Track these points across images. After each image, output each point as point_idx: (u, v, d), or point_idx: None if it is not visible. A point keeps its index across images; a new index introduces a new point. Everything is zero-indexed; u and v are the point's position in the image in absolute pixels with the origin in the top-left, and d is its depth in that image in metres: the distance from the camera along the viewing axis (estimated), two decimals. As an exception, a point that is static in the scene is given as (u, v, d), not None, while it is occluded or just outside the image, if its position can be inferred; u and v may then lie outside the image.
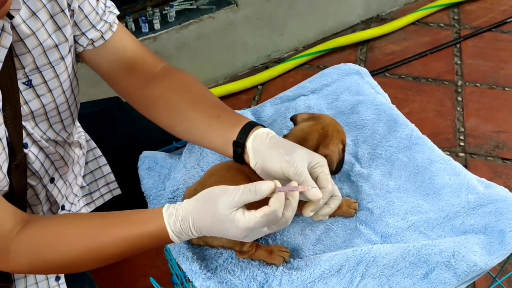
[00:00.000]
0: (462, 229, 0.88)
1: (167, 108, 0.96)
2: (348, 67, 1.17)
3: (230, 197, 0.75)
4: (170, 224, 0.78)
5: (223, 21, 1.95)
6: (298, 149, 0.83)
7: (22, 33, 0.83)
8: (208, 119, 0.92)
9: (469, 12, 2.36)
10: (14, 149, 0.86)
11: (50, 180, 0.98)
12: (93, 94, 1.74)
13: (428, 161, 0.97)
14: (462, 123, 1.92)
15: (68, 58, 0.91)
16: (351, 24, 2.33)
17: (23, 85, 0.86)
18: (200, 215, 0.77)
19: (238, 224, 0.75)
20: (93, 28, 0.95)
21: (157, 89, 0.97)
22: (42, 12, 0.84)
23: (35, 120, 0.90)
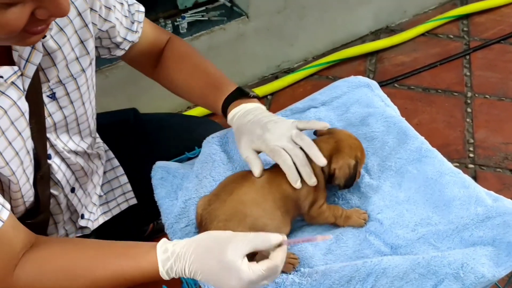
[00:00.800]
0: (470, 241, 0.89)
1: (171, 86, 1.10)
2: (358, 80, 1.18)
3: (240, 244, 0.74)
4: (163, 261, 0.78)
5: (234, 32, 1.97)
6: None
7: (49, 48, 0.85)
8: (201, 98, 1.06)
9: (478, 24, 2.37)
10: (39, 161, 0.88)
11: (71, 189, 1.00)
12: (105, 104, 1.76)
13: (438, 173, 0.98)
14: (471, 135, 1.92)
15: (89, 71, 0.94)
16: (361, 35, 2.34)
17: (48, 98, 0.88)
18: (202, 259, 0.75)
19: (242, 275, 0.74)
20: (130, 31, 1.02)
21: (161, 69, 1.09)
22: (69, 27, 0.87)
23: (56, 132, 0.93)
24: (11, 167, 0.81)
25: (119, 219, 1.15)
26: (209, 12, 1.96)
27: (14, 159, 0.82)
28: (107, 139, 1.13)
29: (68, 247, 0.84)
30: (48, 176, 0.92)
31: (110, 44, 1.01)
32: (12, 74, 0.78)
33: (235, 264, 0.73)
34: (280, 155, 0.90)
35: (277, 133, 0.91)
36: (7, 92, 0.79)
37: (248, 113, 0.96)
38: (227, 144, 1.07)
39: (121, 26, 1.00)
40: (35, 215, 0.92)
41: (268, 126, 0.93)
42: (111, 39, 1.00)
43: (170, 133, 1.17)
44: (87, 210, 1.07)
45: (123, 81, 1.81)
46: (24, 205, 0.89)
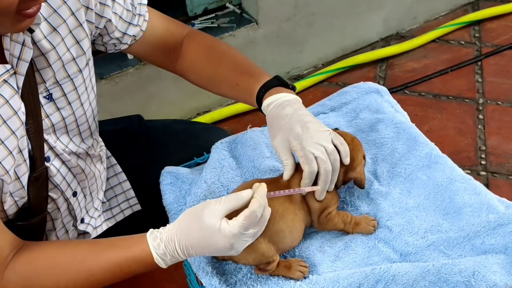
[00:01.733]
0: (482, 249, 0.88)
1: (196, 77, 1.06)
2: (368, 86, 1.17)
3: (214, 206, 0.77)
4: (154, 247, 0.80)
5: (243, 39, 1.98)
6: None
7: (43, 48, 0.85)
8: (230, 87, 1.01)
9: (490, 30, 2.36)
10: (35, 162, 0.88)
11: (72, 194, 1.00)
12: (115, 110, 1.78)
13: (448, 180, 0.97)
14: (483, 142, 1.90)
15: (86, 71, 0.94)
16: (371, 41, 2.34)
17: (44, 99, 0.88)
18: (186, 233, 0.79)
19: (224, 233, 0.77)
20: (131, 25, 1.00)
21: (184, 61, 1.06)
22: (62, 27, 0.87)
23: (56, 134, 0.92)
24: (4, 166, 0.81)
25: (124, 226, 1.15)
26: (218, 19, 1.97)
27: (7, 158, 0.81)
28: (111, 146, 1.13)
29: (59, 245, 0.85)
30: (44, 179, 0.92)
31: (112, 40, 1.00)
32: (4, 72, 0.79)
33: (215, 226, 0.77)
34: (309, 165, 0.87)
35: (316, 138, 0.88)
36: (0, 91, 0.79)
37: (286, 104, 0.92)
38: (236, 149, 1.07)
39: (120, 20, 0.98)
40: (28, 217, 0.91)
41: (308, 126, 0.90)
42: (109, 35, 0.98)
43: (175, 140, 1.17)
44: (88, 214, 1.07)
45: (132, 88, 1.82)
46: (16, 206, 0.88)
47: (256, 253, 0.86)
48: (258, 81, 0.96)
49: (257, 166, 1.03)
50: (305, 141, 0.88)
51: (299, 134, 0.89)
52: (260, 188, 0.80)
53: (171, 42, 1.06)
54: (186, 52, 1.05)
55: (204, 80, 1.06)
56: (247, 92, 0.98)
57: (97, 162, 1.06)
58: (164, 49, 1.07)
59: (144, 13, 1.02)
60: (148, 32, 1.03)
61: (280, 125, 0.91)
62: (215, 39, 1.08)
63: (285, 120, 0.91)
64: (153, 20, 1.04)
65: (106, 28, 0.97)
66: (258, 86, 0.95)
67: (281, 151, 0.91)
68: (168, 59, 1.08)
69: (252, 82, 0.97)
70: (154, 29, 1.04)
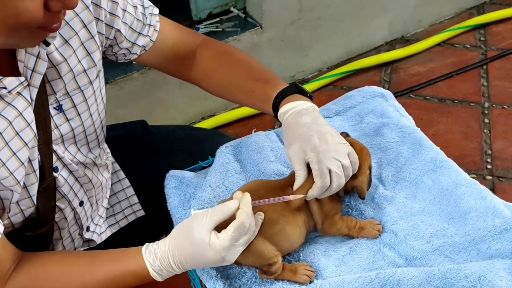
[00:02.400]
0: (488, 254, 0.87)
1: (210, 85, 1.06)
2: (373, 90, 1.17)
3: (202, 220, 0.79)
4: (150, 263, 0.82)
5: (248, 43, 1.98)
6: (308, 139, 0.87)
7: (55, 60, 0.86)
8: (245, 94, 1.00)
9: (495, 34, 2.35)
10: (44, 173, 0.88)
11: (79, 203, 1.00)
12: (120, 115, 1.78)
13: (453, 184, 0.96)
14: (489, 146, 1.89)
15: (96, 83, 0.94)
16: (375, 45, 2.34)
17: (54, 110, 0.88)
18: (179, 249, 0.80)
19: (215, 247, 0.78)
20: (141, 35, 1.00)
21: (198, 69, 1.05)
22: (74, 39, 0.88)
23: (64, 144, 0.93)
24: (16, 177, 0.82)
25: (128, 231, 1.15)
26: (223, 23, 1.97)
27: (19, 169, 0.82)
28: (115, 151, 1.13)
29: (57, 259, 0.86)
30: (53, 189, 0.92)
31: (121, 50, 1.00)
32: (18, 85, 0.78)
33: (205, 241, 0.78)
34: (323, 180, 0.85)
35: (333, 151, 0.86)
36: (13, 103, 0.79)
37: (304, 112, 0.90)
38: (241, 153, 1.06)
39: (129, 30, 0.98)
40: (36, 227, 0.92)
41: (327, 138, 0.87)
42: (119, 45, 0.98)
43: (178, 146, 1.17)
44: (93, 222, 1.07)
45: (138, 92, 1.83)
46: (23, 215, 0.89)
47: (254, 254, 0.86)
48: (274, 88, 0.95)
49: (261, 170, 1.03)
50: (322, 154, 0.86)
51: (317, 146, 0.86)
52: (245, 198, 0.81)
53: (184, 51, 1.05)
54: (200, 60, 1.04)
55: (219, 88, 1.04)
56: (263, 99, 0.96)
57: (104, 171, 1.06)
58: (176, 59, 1.06)
59: (155, 23, 1.01)
60: (159, 42, 1.02)
61: (297, 134, 0.89)
62: (229, 46, 1.07)
63: (302, 129, 0.88)
64: (164, 30, 1.03)
65: (115, 38, 0.97)
66: (274, 93, 0.94)
67: (296, 161, 0.89)
68: (181, 68, 1.07)
69: (268, 89, 0.96)
70: (165, 39, 1.03)
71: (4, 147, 0.79)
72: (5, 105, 0.78)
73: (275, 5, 1.95)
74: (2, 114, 0.78)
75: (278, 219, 0.88)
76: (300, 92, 0.94)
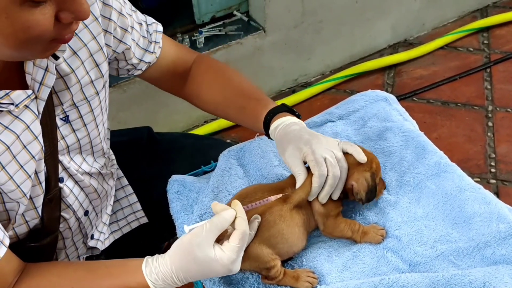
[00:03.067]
0: (492, 259, 0.86)
1: (202, 102, 1.07)
2: (376, 94, 1.17)
3: (202, 237, 0.77)
4: (152, 282, 0.80)
5: (250, 46, 1.98)
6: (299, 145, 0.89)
7: (62, 71, 0.85)
8: (236, 111, 1.03)
9: (499, 37, 2.34)
10: (49, 184, 0.88)
11: (84, 213, 0.99)
12: (122, 118, 1.78)
13: (457, 189, 0.96)
14: (493, 149, 1.89)
15: (102, 93, 0.94)
16: (378, 48, 2.33)
17: (61, 120, 0.88)
18: (183, 269, 0.79)
19: (223, 262, 0.77)
20: (147, 52, 1.01)
21: (191, 86, 1.06)
22: (82, 51, 0.87)
23: (69, 154, 0.92)
24: (22, 190, 0.81)
25: (132, 237, 1.15)
26: (226, 27, 1.97)
27: (26, 182, 0.81)
28: (119, 157, 1.13)
29: (58, 272, 0.85)
30: (58, 199, 0.92)
31: (127, 66, 1.01)
32: (25, 98, 0.78)
33: (210, 257, 0.77)
34: (320, 168, 0.87)
35: (325, 143, 0.90)
36: (21, 116, 0.79)
37: (293, 124, 0.94)
38: (244, 158, 1.06)
39: (137, 47, 0.99)
40: (40, 238, 0.91)
41: (317, 135, 0.92)
42: (127, 61, 0.99)
43: (183, 154, 1.17)
44: (97, 230, 1.07)
45: (140, 96, 1.83)
46: (27, 226, 0.88)
47: (250, 258, 0.85)
48: (265, 107, 0.97)
49: (264, 175, 1.03)
50: (315, 145, 0.89)
51: (309, 140, 0.90)
52: (237, 206, 0.81)
53: (180, 68, 1.07)
54: (194, 77, 1.06)
55: (210, 104, 1.07)
56: (254, 116, 0.99)
57: (109, 179, 1.06)
58: (173, 75, 1.08)
59: (160, 40, 1.03)
60: (161, 58, 1.04)
61: (289, 138, 0.91)
62: (222, 64, 1.09)
63: (293, 133, 0.91)
64: (165, 47, 1.05)
65: (124, 54, 0.97)
66: (265, 112, 0.97)
67: (293, 163, 0.90)
68: (175, 84, 1.09)
69: (259, 107, 0.98)
70: (166, 55, 1.05)
71: (12, 161, 0.79)
72: (12, 119, 0.78)
73: (278, 9, 1.95)
74: (9, 128, 0.77)
75: (275, 221, 0.87)
76: (289, 111, 0.97)
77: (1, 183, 0.78)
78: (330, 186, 0.89)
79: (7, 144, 0.77)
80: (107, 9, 0.90)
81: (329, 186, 0.89)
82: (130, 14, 0.96)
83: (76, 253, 1.04)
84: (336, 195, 0.91)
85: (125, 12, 0.94)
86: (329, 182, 0.88)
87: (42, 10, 0.66)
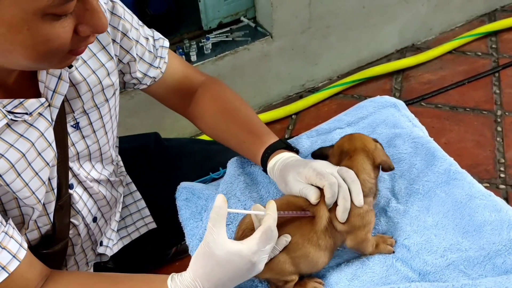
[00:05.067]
0: (504, 268, 0.85)
1: (204, 126, 1.08)
2: (385, 100, 1.16)
3: (213, 235, 0.75)
4: None
5: (258, 52, 1.98)
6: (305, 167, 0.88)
7: (74, 79, 0.86)
8: (236, 144, 1.03)
9: (507, 41, 2.33)
10: (60, 190, 0.89)
11: (92, 219, 1.00)
12: (130, 124, 1.79)
13: (467, 197, 0.95)
14: (502, 154, 1.87)
15: (112, 100, 0.95)
16: (386, 53, 2.33)
17: (71, 127, 0.89)
18: (207, 276, 0.77)
19: (242, 253, 0.75)
20: (152, 67, 1.01)
21: (196, 108, 1.07)
22: (93, 60, 0.88)
23: (79, 161, 0.93)
24: (37, 196, 0.82)
25: (140, 243, 1.15)
26: (233, 33, 1.98)
27: (41, 188, 0.82)
28: (127, 163, 1.14)
29: (80, 281, 0.84)
30: (68, 206, 0.93)
31: (132, 80, 1.01)
32: (39, 106, 0.79)
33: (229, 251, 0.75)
34: (327, 178, 0.84)
35: (321, 164, 0.88)
36: (35, 124, 0.79)
37: (291, 159, 0.93)
38: (252, 164, 1.06)
39: (142, 61, 0.99)
40: (51, 244, 0.92)
41: (315, 160, 0.91)
42: (131, 74, 1.00)
43: (191, 160, 1.18)
44: (105, 236, 1.07)
45: (148, 102, 1.82)
46: (39, 232, 0.89)
47: (273, 271, 0.85)
48: (263, 143, 0.98)
49: (273, 182, 1.02)
50: (314, 165, 0.87)
51: (307, 163, 0.89)
52: (271, 204, 0.80)
53: (186, 87, 1.08)
54: (200, 100, 1.06)
55: (212, 130, 1.07)
56: (252, 152, 1.00)
57: (118, 187, 1.06)
58: (178, 93, 1.08)
59: (165, 55, 1.03)
60: (167, 75, 1.05)
61: (288, 169, 0.90)
62: (230, 92, 1.08)
63: (291, 164, 0.91)
64: (173, 65, 1.05)
65: (129, 65, 0.98)
66: (263, 148, 0.97)
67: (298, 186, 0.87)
68: (180, 102, 1.09)
69: (258, 143, 0.99)
70: (173, 72, 1.06)
71: (27, 168, 0.79)
72: (27, 127, 0.78)
73: (285, 14, 1.95)
74: (24, 136, 0.78)
75: (304, 243, 0.85)
76: (287, 147, 0.97)
77: (17, 190, 0.79)
78: (344, 199, 0.85)
79: (23, 151, 0.78)
80: (115, 19, 0.91)
81: (343, 199, 0.85)
82: (137, 28, 0.97)
83: (85, 260, 1.05)
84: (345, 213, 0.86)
85: (134, 25, 0.95)
86: (342, 194, 0.85)
87: (63, 23, 0.66)
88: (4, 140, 0.76)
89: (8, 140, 0.76)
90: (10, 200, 0.81)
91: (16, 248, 0.78)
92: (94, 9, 0.68)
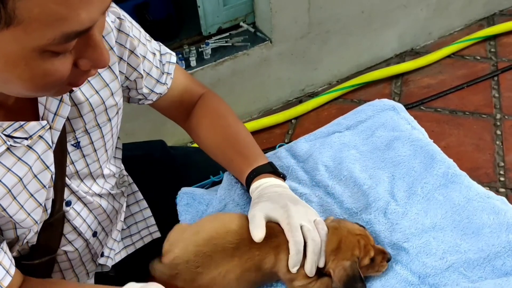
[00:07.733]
0: (503, 270, 0.85)
1: (198, 140, 1.09)
2: (383, 103, 1.16)
3: None
4: None
5: (257, 57, 1.99)
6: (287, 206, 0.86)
7: (76, 99, 0.84)
8: (225, 161, 1.04)
9: (506, 45, 2.34)
10: (54, 208, 0.87)
11: (92, 234, 0.98)
12: (129, 129, 1.79)
13: (465, 200, 0.95)
14: (502, 158, 1.87)
15: (114, 119, 0.93)
16: (385, 57, 2.33)
17: (72, 146, 0.86)
18: None
19: None
20: (159, 83, 1.01)
21: (192, 122, 1.08)
22: (97, 80, 0.86)
23: (80, 177, 0.91)
24: (33, 218, 0.81)
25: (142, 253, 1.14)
26: (232, 38, 1.98)
27: (37, 210, 0.81)
28: (132, 171, 1.12)
29: None
30: (60, 223, 0.90)
31: (138, 95, 1.00)
32: (39, 129, 0.77)
33: None
34: (295, 235, 0.82)
35: (303, 211, 0.86)
36: (34, 147, 0.77)
37: (276, 186, 0.92)
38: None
39: (149, 77, 0.98)
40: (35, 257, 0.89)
41: (298, 201, 0.89)
42: (137, 90, 0.98)
43: (196, 169, 1.17)
44: (107, 246, 1.06)
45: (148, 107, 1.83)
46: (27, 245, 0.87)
47: None
48: (250, 165, 0.97)
49: (272, 186, 1.02)
50: (291, 211, 0.85)
51: (286, 205, 0.86)
52: None
53: (187, 100, 1.08)
54: (196, 114, 1.07)
55: (204, 145, 1.08)
56: (238, 171, 1.00)
57: (120, 198, 1.06)
58: (180, 106, 1.08)
59: (172, 71, 1.03)
60: (171, 89, 1.04)
61: (269, 197, 0.89)
62: (226, 108, 1.08)
63: (275, 194, 0.89)
64: (177, 79, 1.05)
65: (136, 82, 0.96)
66: (249, 169, 0.97)
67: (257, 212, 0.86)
68: (180, 115, 1.10)
69: (245, 164, 0.98)
70: (176, 86, 1.05)
71: (22, 191, 0.77)
72: (26, 150, 0.76)
73: (285, 20, 1.96)
74: (22, 159, 0.76)
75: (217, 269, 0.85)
76: (274, 171, 0.97)
77: (13, 214, 0.77)
78: (314, 254, 0.82)
79: (20, 176, 0.76)
80: (123, 37, 0.89)
81: (312, 253, 0.82)
82: (144, 43, 0.95)
83: (85, 271, 1.03)
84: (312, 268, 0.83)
85: (141, 40, 0.94)
86: (311, 249, 0.82)
87: (62, 59, 0.64)
88: (3, 164, 0.74)
89: (6, 164, 0.74)
90: (6, 222, 0.79)
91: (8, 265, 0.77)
92: (97, 45, 0.65)
